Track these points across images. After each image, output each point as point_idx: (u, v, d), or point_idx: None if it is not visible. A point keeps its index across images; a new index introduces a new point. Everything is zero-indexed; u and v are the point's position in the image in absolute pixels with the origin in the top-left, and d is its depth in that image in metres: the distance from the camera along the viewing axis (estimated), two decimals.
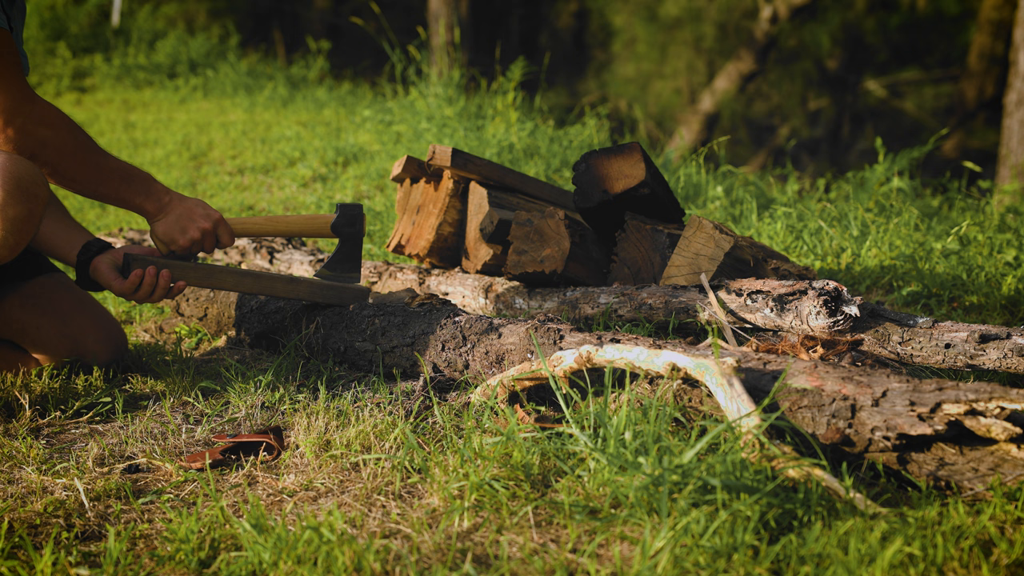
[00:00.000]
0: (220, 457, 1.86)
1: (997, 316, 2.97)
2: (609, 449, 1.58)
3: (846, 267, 3.49)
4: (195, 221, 2.26)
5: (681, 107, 16.32)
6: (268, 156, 6.37)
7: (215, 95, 9.57)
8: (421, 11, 11.22)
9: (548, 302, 2.68)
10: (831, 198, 5.07)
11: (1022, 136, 6.82)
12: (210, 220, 2.28)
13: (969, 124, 13.62)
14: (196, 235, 2.27)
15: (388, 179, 4.94)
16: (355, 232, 2.45)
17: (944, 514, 1.46)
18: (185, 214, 2.26)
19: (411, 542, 1.48)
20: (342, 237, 2.45)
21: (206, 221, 2.27)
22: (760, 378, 1.75)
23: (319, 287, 2.46)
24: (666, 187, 2.84)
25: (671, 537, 1.36)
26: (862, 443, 1.61)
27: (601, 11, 18.51)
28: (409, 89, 7.13)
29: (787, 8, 12.53)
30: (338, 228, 2.43)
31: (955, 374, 2.26)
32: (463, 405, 2.05)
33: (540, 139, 5.57)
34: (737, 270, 2.61)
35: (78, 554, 1.48)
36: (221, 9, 16.05)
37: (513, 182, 3.09)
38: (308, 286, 2.46)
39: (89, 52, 10.91)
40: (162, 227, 2.26)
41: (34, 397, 2.19)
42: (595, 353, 1.84)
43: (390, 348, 2.35)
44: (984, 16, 13.13)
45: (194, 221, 2.26)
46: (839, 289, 2.24)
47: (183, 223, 2.26)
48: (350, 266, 2.47)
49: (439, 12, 9.56)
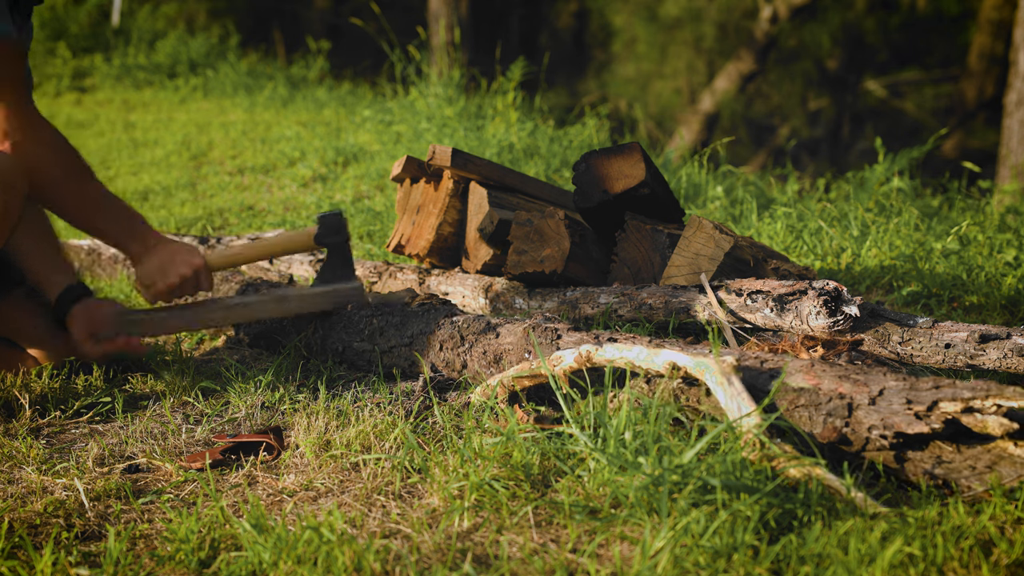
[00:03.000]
0: (220, 457, 1.86)
1: (997, 316, 2.97)
2: (609, 449, 1.58)
3: (846, 267, 3.50)
4: (176, 267, 2.26)
5: (681, 107, 16.32)
6: (268, 156, 6.38)
7: (215, 95, 9.57)
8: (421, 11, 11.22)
9: (548, 302, 2.68)
10: (831, 198, 5.07)
11: (1022, 136, 6.82)
12: (191, 267, 2.27)
13: (969, 124, 13.63)
14: (175, 281, 2.27)
15: (388, 179, 4.94)
16: (340, 240, 2.42)
17: (944, 514, 1.46)
18: (168, 259, 2.26)
19: (411, 542, 1.48)
20: (328, 248, 2.42)
21: (187, 268, 2.27)
22: (758, 377, 1.75)
23: (311, 297, 2.43)
24: (666, 187, 2.84)
25: (671, 537, 1.36)
26: (859, 442, 1.62)
27: (601, 11, 18.51)
28: (409, 89, 7.13)
29: (787, 8, 12.54)
30: (322, 239, 2.41)
31: (955, 374, 2.26)
32: (463, 405, 2.05)
33: (540, 139, 5.57)
34: (737, 270, 2.61)
35: (78, 554, 1.48)
36: (221, 9, 16.05)
37: (513, 182, 3.09)
38: (299, 300, 2.42)
39: (89, 52, 10.91)
40: (143, 270, 2.27)
41: (34, 397, 2.19)
42: (595, 352, 1.84)
43: (388, 348, 2.35)
44: (984, 16, 13.13)
45: (176, 267, 2.26)
46: (839, 289, 2.24)
47: (165, 268, 2.26)
48: (343, 273, 2.44)
49: (439, 12, 9.56)
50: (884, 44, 16.70)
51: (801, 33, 16.04)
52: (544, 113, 6.44)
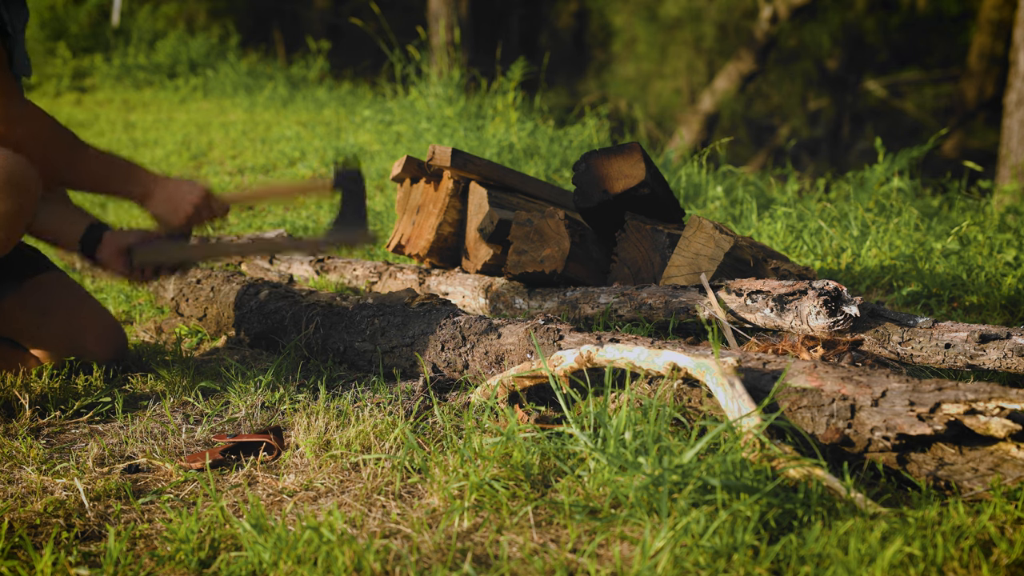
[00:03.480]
0: (220, 457, 1.86)
1: (997, 316, 2.97)
2: (609, 449, 1.58)
3: (846, 267, 3.49)
4: (184, 198, 2.29)
5: (681, 107, 16.32)
6: (268, 156, 6.38)
7: (215, 95, 9.57)
8: (421, 11, 11.22)
9: (548, 302, 2.68)
10: (831, 198, 5.07)
11: (1022, 136, 6.82)
12: (198, 195, 2.30)
13: (969, 124, 13.63)
14: (190, 210, 2.29)
15: (388, 179, 4.94)
16: (357, 188, 2.38)
17: (944, 514, 1.46)
18: (173, 193, 2.29)
19: (411, 542, 1.48)
20: (344, 193, 2.37)
21: (194, 196, 2.30)
22: (760, 378, 1.75)
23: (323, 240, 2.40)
24: (666, 187, 2.84)
25: (671, 537, 1.36)
26: (861, 443, 1.61)
27: (601, 11, 18.51)
28: (409, 89, 7.13)
29: (787, 8, 12.53)
30: (340, 183, 2.37)
31: (955, 374, 2.26)
32: (463, 405, 2.05)
33: (540, 139, 5.57)
34: (737, 270, 2.61)
35: (78, 554, 1.48)
36: (221, 9, 16.04)
37: (513, 182, 3.09)
38: (313, 242, 2.44)
39: (89, 52, 10.91)
40: (155, 209, 2.30)
41: (34, 397, 2.19)
42: (595, 353, 1.84)
43: (389, 348, 2.35)
44: (984, 16, 13.13)
45: (184, 198, 2.29)
46: (839, 289, 2.24)
47: (174, 202, 2.29)
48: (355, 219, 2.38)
49: (439, 12, 9.56)
50: (884, 44, 16.70)
51: (801, 33, 16.05)
52: (544, 113, 6.44)
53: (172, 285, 3.03)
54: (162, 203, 2.29)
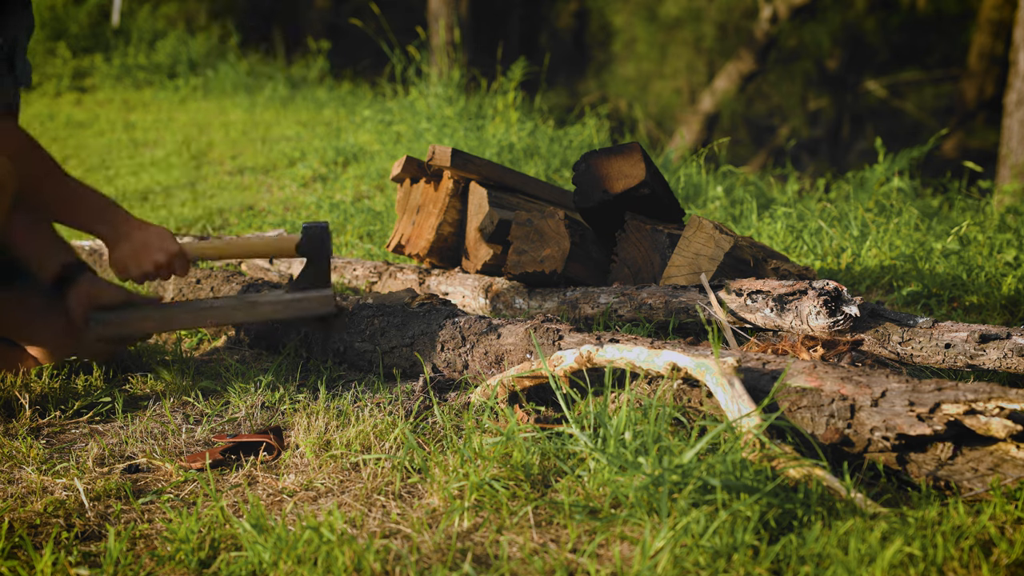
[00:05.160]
0: (220, 457, 1.86)
1: (997, 316, 2.97)
2: (609, 449, 1.58)
3: (846, 267, 3.49)
4: (151, 254, 2.24)
5: (681, 107, 16.32)
6: (268, 156, 6.38)
7: (215, 95, 9.57)
8: (421, 11, 11.21)
9: (548, 302, 2.68)
10: (831, 198, 5.07)
11: (1022, 136, 6.82)
12: (166, 254, 2.25)
13: (969, 124, 13.63)
14: (149, 268, 2.25)
15: (388, 179, 4.94)
16: (323, 252, 2.35)
17: (944, 514, 1.46)
18: (142, 245, 2.24)
19: (411, 542, 1.48)
20: (309, 258, 2.34)
21: (162, 255, 2.25)
22: (759, 378, 1.75)
23: (283, 304, 2.34)
24: (666, 187, 2.84)
25: (671, 537, 1.36)
26: (861, 443, 1.61)
27: (601, 11, 18.51)
28: (409, 89, 7.13)
29: (787, 8, 12.53)
30: (303, 249, 2.33)
31: (955, 374, 2.26)
32: (463, 405, 2.05)
33: (540, 139, 5.57)
34: (737, 270, 2.61)
35: (78, 554, 1.48)
36: (221, 9, 16.04)
37: (513, 182, 3.09)
38: (271, 306, 2.35)
39: (89, 52, 10.90)
40: (117, 255, 2.25)
41: (34, 397, 2.19)
42: (595, 353, 1.84)
43: (389, 348, 2.35)
44: (984, 16, 13.14)
45: (150, 254, 2.24)
46: (839, 289, 2.24)
47: (138, 254, 2.24)
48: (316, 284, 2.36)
49: (439, 12, 9.56)
50: (884, 44, 16.70)
51: (801, 33, 16.04)
52: (544, 113, 6.44)
53: (172, 285, 3.03)
54: (126, 251, 2.24)
